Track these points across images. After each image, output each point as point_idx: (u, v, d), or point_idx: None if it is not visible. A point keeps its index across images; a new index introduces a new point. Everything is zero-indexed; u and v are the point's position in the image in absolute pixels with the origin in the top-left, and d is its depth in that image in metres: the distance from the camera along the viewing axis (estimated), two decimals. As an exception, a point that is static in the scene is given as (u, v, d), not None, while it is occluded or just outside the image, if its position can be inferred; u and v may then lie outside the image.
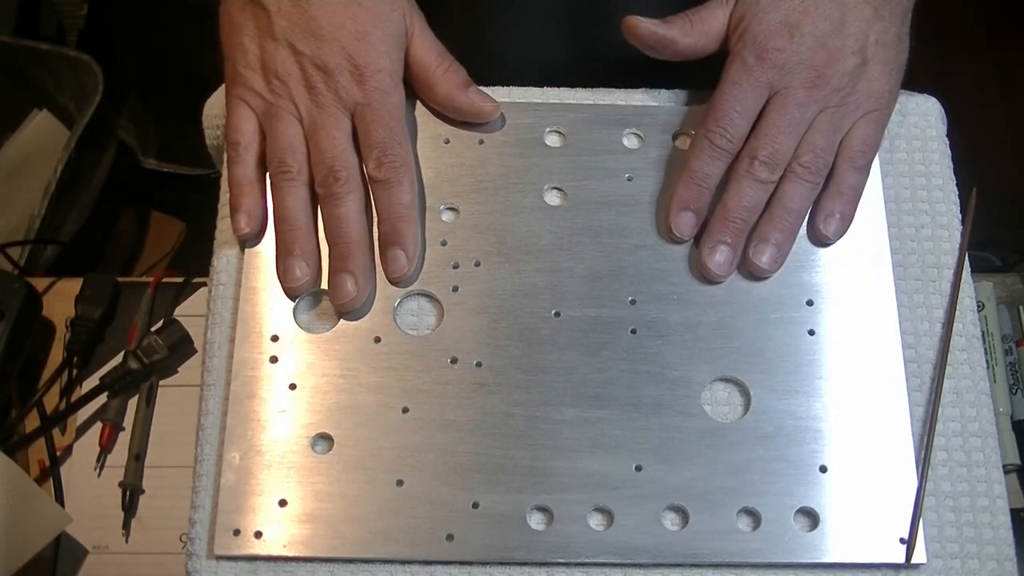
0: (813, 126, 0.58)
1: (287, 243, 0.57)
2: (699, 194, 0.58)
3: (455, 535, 0.52)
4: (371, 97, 0.57)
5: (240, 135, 0.58)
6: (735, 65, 0.58)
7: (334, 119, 0.57)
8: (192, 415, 0.55)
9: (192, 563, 0.52)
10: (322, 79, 0.57)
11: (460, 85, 0.60)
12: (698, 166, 0.58)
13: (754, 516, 0.53)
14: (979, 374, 0.57)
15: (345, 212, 0.56)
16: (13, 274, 0.80)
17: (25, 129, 1.19)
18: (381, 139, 0.57)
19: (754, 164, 0.57)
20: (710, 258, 0.57)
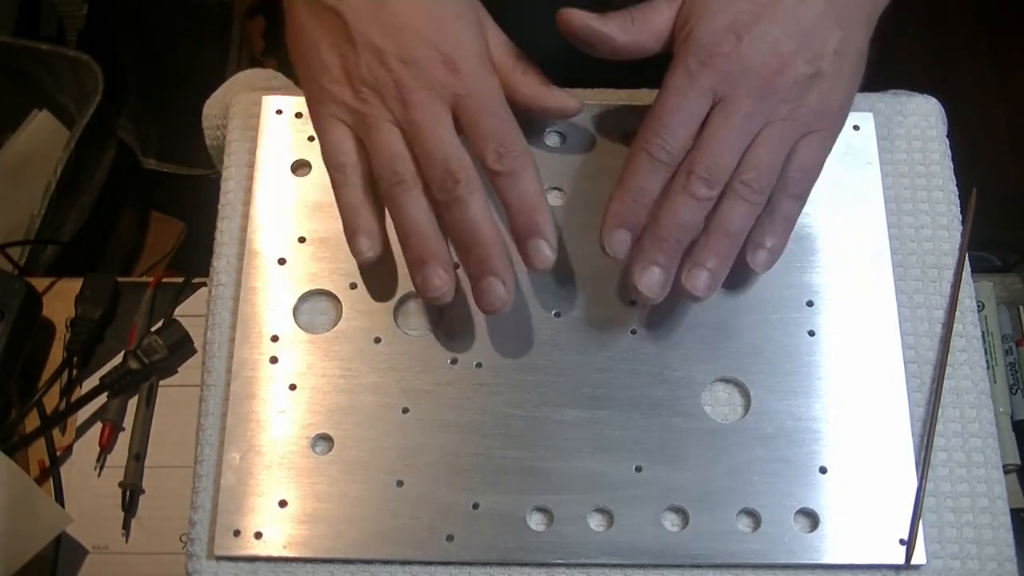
0: (758, 140, 0.53)
1: (420, 254, 0.53)
2: (634, 210, 0.53)
3: (455, 536, 0.52)
4: (469, 85, 0.54)
5: (343, 155, 0.55)
6: (677, 71, 0.53)
7: (435, 116, 0.53)
8: (192, 415, 0.55)
9: (192, 563, 0.52)
10: (412, 75, 0.53)
11: (544, 84, 0.57)
12: (634, 180, 0.53)
13: (754, 517, 0.53)
14: (979, 374, 0.57)
15: (474, 214, 0.53)
16: (13, 274, 0.80)
17: (25, 129, 1.19)
18: (493, 129, 0.53)
19: (691, 179, 0.52)
20: (640, 279, 0.52)
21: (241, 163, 0.60)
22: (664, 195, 0.53)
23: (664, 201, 0.53)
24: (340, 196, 0.55)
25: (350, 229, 0.55)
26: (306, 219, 0.58)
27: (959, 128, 0.64)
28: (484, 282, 0.53)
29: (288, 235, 0.58)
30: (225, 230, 0.59)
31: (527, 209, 0.53)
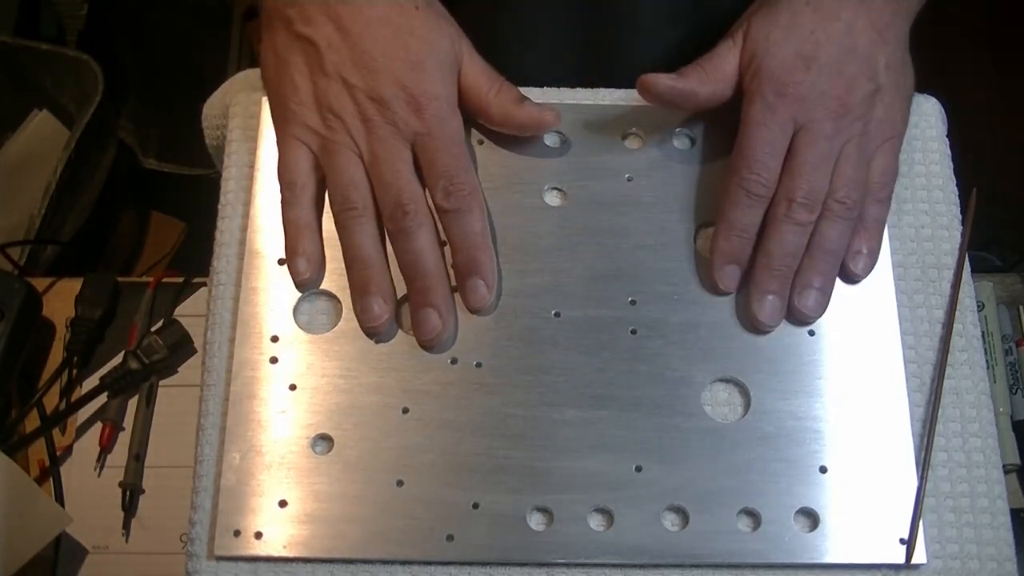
0: (842, 158, 0.56)
1: (362, 282, 0.55)
2: (741, 246, 0.56)
3: (455, 535, 0.52)
4: (430, 125, 0.56)
5: (295, 175, 0.57)
6: (756, 106, 0.56)
7: (395, 151, 0.56)
8: (192, 415, 0.55)
9: (192, 563, 0.52)
10: (378, 111, 0.56)
11: (514, 101, 0.59)
12: (736, 216, 0.56)
13: (754, 516, 0.53)
14: (979, 374, 0.57)
15: (419, 246, 0.55)
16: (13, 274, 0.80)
17: (25, 129, 1.19)
18: (446, 167, 0.56)
19: (792, 207, 0.55)
20: (760, 310, 0.56)
21: (241, 163, 0.60)
22: (769, 225, 0.56)
23: (770, 231, 0.56)
24: (285, 213, 0.57)
25: (290, 249, 0.57)
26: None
27: (959, 128, 0.64)
28: (421, 312, 0.55)
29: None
30: (225, 230, 0.59)
31: (468, 247, 0.56)
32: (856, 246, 0.57)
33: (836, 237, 0.56)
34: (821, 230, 0.56)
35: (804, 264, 0.56)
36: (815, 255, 0.56)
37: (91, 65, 1.13)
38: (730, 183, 0.56)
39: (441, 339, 0.55)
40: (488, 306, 0.56)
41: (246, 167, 0.60)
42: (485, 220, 0.57)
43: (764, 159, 0.56)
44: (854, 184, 0.56)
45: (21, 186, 1.15)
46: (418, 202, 0.56)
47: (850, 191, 0.56)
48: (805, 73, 0.56)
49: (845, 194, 0.56)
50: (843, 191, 0.56)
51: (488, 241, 0.56)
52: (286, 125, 0.58)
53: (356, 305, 0.56)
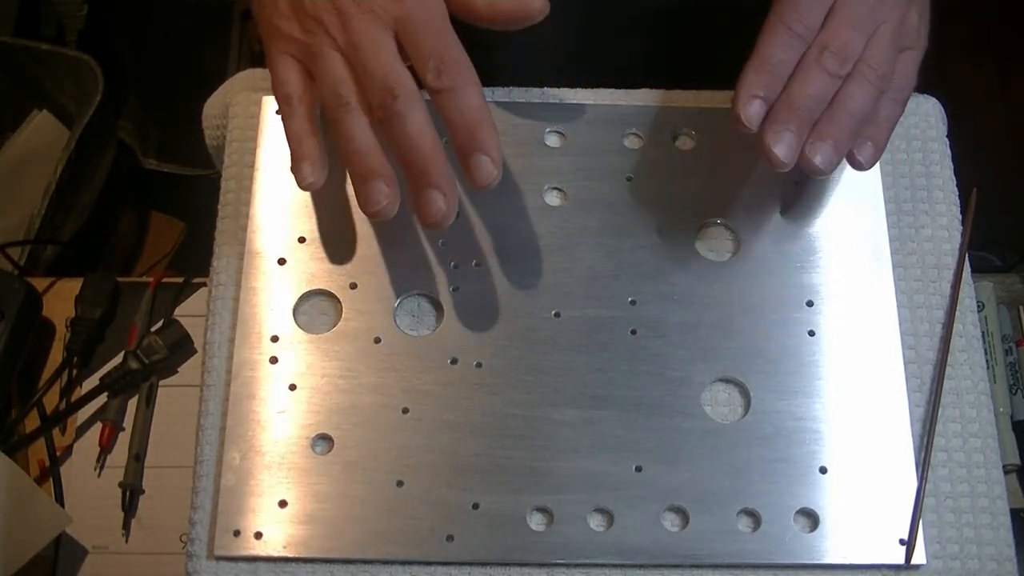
0: (877, 34, 0.56)
1: (362, 170, 0.53)
2: (771, 81, 0.54)
3: (455, 536, 0.52)
4: (410, 7, 0.54)
5: (289, 87, 0.56)
6: None
7: (375, 39, 0.54)
8: (192, 415, 0.55)
9: (192, 564, 0.52)
10: (353, 2, 0.54)
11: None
12: (772, 52, 0.54)
13: (754, 517, 0.53)
14: (979, 374, 0.57)
15: (413, 128, 0.52)
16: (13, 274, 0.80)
17: (25, 129, 1.19)
18: (433, 47, 0.53)
19: (824, 55, 0.54)
20: (775, 144, 0.53)
21: (241, 163, 0.60)
22: (798, 69, 0.55)
23: (797, 74, 0.55)
24: (286, 127, 0.56)
25: (294, 158, 0.55)
26: (306, 219, 0.58)
27: (959, 128, 0.64)
28: (424, 194, 0.52)
29: (288, 235, 0.58)
30: (225, 230, 0.59)
31: (468, 124, 0.53)
32: (865, 134, 0.56)
33: (860, 99, 0.55)
34: (847, 88, 0.55)
35: (823, 117, 0.55)
36: (835, 111, 0.55)
37: (91, 65, 1.13)
38: (771, 21, 0.55)
39: (448, 222, 0.53)
40: (495, 181, 0.53)
41: (246, 167, 0.60)
42: (482, 95, 0.54)
43: (809, 3, 0.55)
44: (886, 58, 0.56)
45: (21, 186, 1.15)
46: (407, 85, 0.53)
47: (882, 61, 0.55)
48: None
49: (877, 62, 0.55)
50: (876, 59, 0.55)
51: (488, 116, 0.53)
52: (271, 42, 0.57)
53: (359, 195, 0.53)
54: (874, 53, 0.55)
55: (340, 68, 0.54)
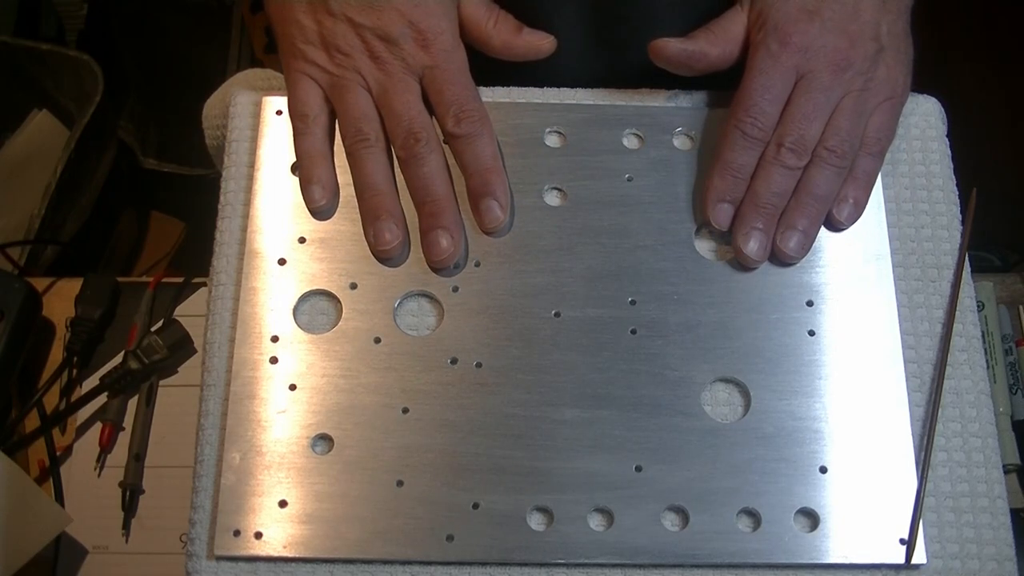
0: (838, 110, 0.58)
1: (374, 208, 0.57)
2: (734, 185, 0.58)
3: (455, 535, 0.52)
4: (438, 59, 0.58)
5: (307, 107, 0.59)
6: (759, 53, 0.58)
7: (404, 84, 0.58)
8: (192, 415, 0.55)
9: (192, 563, 0.52)
10: (386, 48, 0.58)
11: (513, 32, 0.61)
12: (732, 157, 0.58)
13: (754, 517, 0.53)
14: (979, 374, 0.57)
15: (429, 171, 0.57)
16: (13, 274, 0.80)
17: (25, 129, 1.19)
18: (456, 96, 0.58)
19: (781, 151, 0.57)
20: (745, 244, 0.57)
21: (241, 163, 0.60)
22: (758, 167, 0.58)
23: (759, 172, 0.58)
24: (299, 144, 0.59)
25: (305, 178, 0.58)
26: (306, 219, 0.58)
27: (959, 128, 0.64)
28: (432, 235, 0.57)
29: (288, 235, 0.58)
30: (225, 230, 0.59)
31: (481, 170, 0.58)
32: (843, 194, 0.58)
33: (822, 182, 0.57)
34: (809, 175, 0.58)
35: (790, 205, 0.58)
36: (801, 197, 0.58)
37: (91, 65, 1.13)
38: (728, 125, 0.58)
39: (452, 262, 0.57)
40: (503, 226, 0.58)
41: (246, 167, 0.60)
42: (496, 145, 0.58)
43: (762, 104, 0.57)
44: (845, 135, 0.57)
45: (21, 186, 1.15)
46: (428, 130, 0.58)
47: (840, 141, 0.57)
48: (809, 24, 0.58)
49: (835, 143, 0.57)
50: (833, 140, 0.57)
51: (500, 164, 0.58)
52: (294, 61, 0.59)
53: (368, 232, 0.57)
54: (830, 134, 0.58)
55: (367, 104, 0.58)
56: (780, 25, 0.58)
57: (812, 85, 0.57)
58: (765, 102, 0.57)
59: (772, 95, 0.57)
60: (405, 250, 0.57)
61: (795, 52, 0.57)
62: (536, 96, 0.62)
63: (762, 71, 0.58)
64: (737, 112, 0.58)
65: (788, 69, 0.57)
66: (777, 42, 0.58)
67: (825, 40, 0.57)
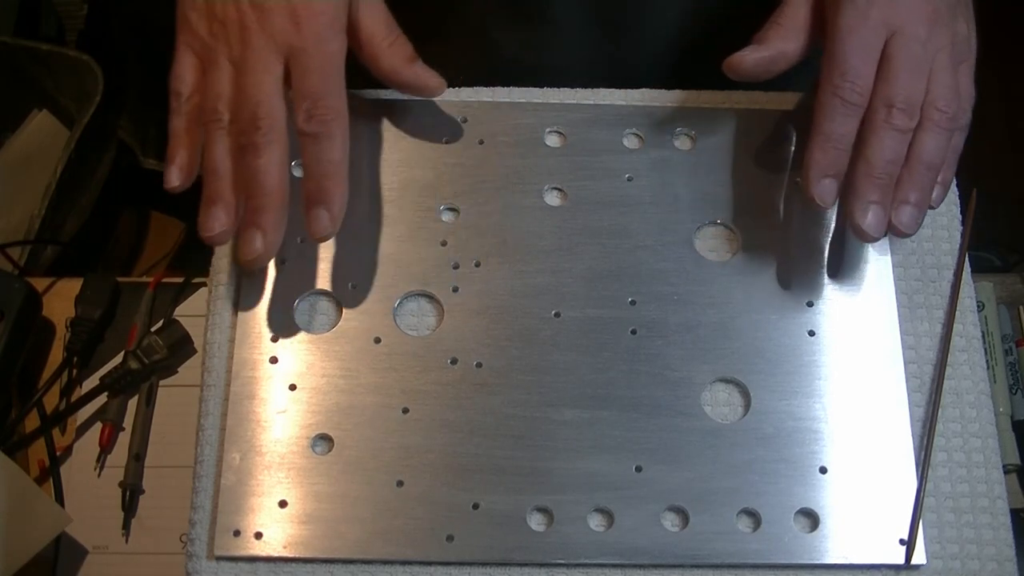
0: (936, 66, 0.54)
1: (209, 192, 0.54)
2: (837, 157, 0.54)
3: (455, 536, 0.52)
4: (307, 41, 0.54)
5: (182, 84, 0.55)
6: (844, 11, 0.54)
7: (264, 62, 0.54)
8: (192, 415, 0.55)
9: (192, 564, 0.52)
10: (256, 18, 0.54)
11: (406, 59, 0.58)
12: (831, 127, 0.54)
13: (754, 517, 0.53)
14: (979, 374, 0.57)
15: (263, 163, 0.53)
16: (13, 274, 0.80)
17: (25, 129, 1.19)
18: (313, 87, 0.53)
19: (892, 113, 0.53)
20: (863, 220, 0.53)
21: (241, 163, 0.60)
22: (867, 132, 0.54)
23: (869, 138, 0.54)
24: (169, 122, 0.56)
25: (168, 156, 0.55)
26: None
27: (959, 128, 0.64)
28: (247, 232, 0.53)
29: (288, 235, 0.58)
30: (225, 230, 0.59)
31: (319, 175, 0.54)
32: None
33: (935, 149, 0.54)
34: (921, 140, 0.54)
35: (903, 176, 0.54)
36: (914, 167, 0.54)
37: (91, 65, 1.13)
38: (823, 92, 0.54)
39: (260, 265, 0.54)
40: (328, 236, 0.54)
41: (246, 167, 0.60)
42: (344, 150, 0.54)
43: (858, 66, 0.53)
44: (953, 93, 0.54)
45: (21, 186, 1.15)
46: (274, 118, 0.53)
47: (950, 100, 0.54)
48: None
49: (945, 103, 0.54)
50: (943, 100, 0.54)
51: (343, 171, 0.54)
52: (180, 32, 0.56)
53: (200, 216, 0.54)
54: (939, 93, 0.54)
55: (225, 83, 0.54)
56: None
57: (909, 39, 0.53)
58: (860, 62, 0.53)
59: (867, 54, 0.53)
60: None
61: (884, 5, 0.53)
62: (536, 96, 0.62)
63: (851, 29, 0.53)
64: (832, 77, 0.53)
65: (878, 24, 0.53)
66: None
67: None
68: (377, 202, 0.59)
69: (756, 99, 0.63)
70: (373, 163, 0.60)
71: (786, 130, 0.61)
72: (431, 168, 0.60)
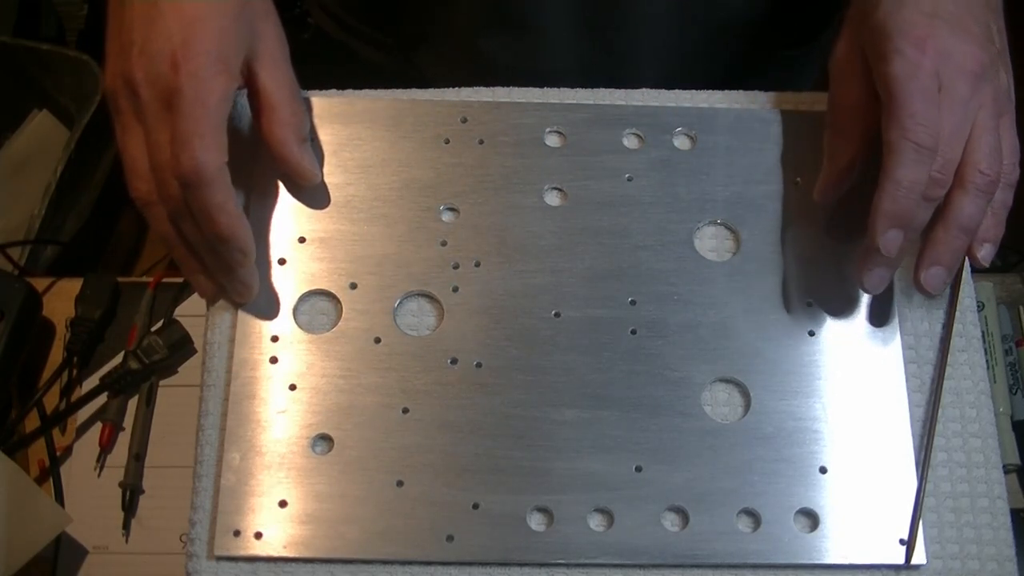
0: (978, 126, 0.52)
1: (178, 263, 0.56)
2: (908, 207, 0.51)
3: (455, 536, 0.52)
4: (182, 82, 0.50)
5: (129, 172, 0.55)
6: (896, 63, 0.51)
7: (156, 116, 0.52)
8: (192, 415, 0.55)
9: (192, 564, 0.52)
10: (144, 69, 0.51)
11: (298, 139, 0.56)
12: (903, 174, 0.50)
13: (754, 517, 0.53)
14: (979, 374, 0.57)
15: (161, 230, 0.54)
16: (13, 274, 0.80)
17: (25, 129, 1.19)
18: (182, 133, 0.50)
19: (928, 183, 0.51)
20: (929, 284, 0.53)
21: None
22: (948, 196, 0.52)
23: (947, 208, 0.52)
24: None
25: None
26: (306, 219, 0.58)
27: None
28: (230, 284, 0.55)
29: (288, 235, 0.58)
30: (225, 230, 0.59)
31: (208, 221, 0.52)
32: (983, 233, 0.54)
33: (975, 213, 0.52)
34: (960, 204, 0.52)
35: (937, 237, 0.52)
36: (951, 231, 0.52)
37: (91, 65, 1.13)
38: (892, 137, 0.51)
39: (216, 300, 0.56)
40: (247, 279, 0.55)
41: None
42: (223, 190, 0.51)
43: (926, 109, 0.50)
44: (997, 155, 0.52)
45: (21, 186, 1.15)
46: (188, 175, 0.50)
47: (993, 163, 0.52)
48: (935, 27, 0.51)
49: (988, 165, 0.51)
50: (985, 162, 0.51)
51: (229, 209, 0.52)
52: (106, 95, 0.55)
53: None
54: (981, 155, 0.52)
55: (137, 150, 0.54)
56: (906, 29, 0.51)
57: (952, 100, 0.51)
58: (929, 106, 0.50)
59: (931, 99, 0.50)
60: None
61: (935, 56, 0.50)
62: (536, 96, 0.62)
63: (910, 76, 0.50)
64: (902, 120, 0.50)
65: (932, 73, 0.50)
66: (913, 47, 0.50)
67: (956, 44, 0.51)
68: (377, 202, 0.59)
69: (756, 99, 0.63)
70: (373, 163, 0.60)
71: (787, 130, 0.61)
72: (431, 168, 0.60)
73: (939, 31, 0.51)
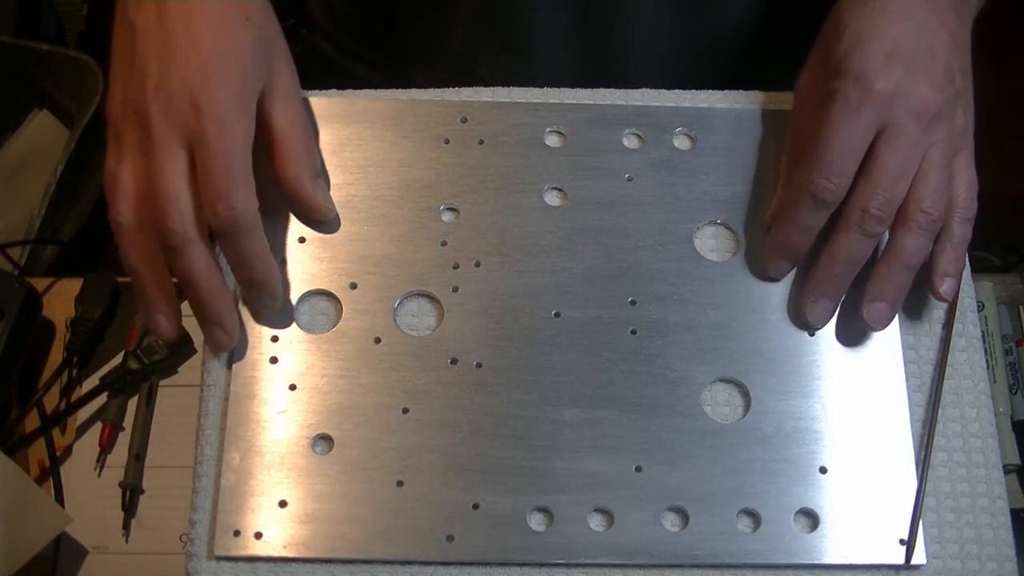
0: (927, 165, 0.53)
1: (140, 298, 0.54)
2: (799, 244, 0.55)
3: (455, 536, 0.52)
4: (207, 127, 0.50)
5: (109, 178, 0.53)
6: (837, 104, 0.52)
7: (167, 154, 0.51)
8: (192, 415, 0.55)
9: (192, 564, 0.52)
10: (159, 104, 0.51)
11: (311, 175, 0.56)
12: (798, 217, 0.54)
13: (754, 517, 0.53)
14: (979, 374, 0.57)
15: (189, 264, 0.51)
16: (13, 274, 0.80)
17: (25, 129, 1.19)
18: (216, 181, 0.50)
19: (866, 218, 0.52)
20: (812, 312, 0.55)
21: (241, 163, 0.60)
22: (838, 228, 0.54)
23: (838, 236, 0.54)
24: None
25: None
26: (306, 219, 0.58)
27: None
28: (206, 329, 0.54)
29: (288, 235, 0.58)
30: (225, 230, 0.59)
31: (243, 267, 0.53)
32: (944, 268, 0.54)
33: (917, 250, 0.53)
34: (902, 241, 0.53)
35: (879, 273, 0.54)
36: (894, 268, 0.53)
37: (91, 65, 1.13)
38: (798, 180, 0.53)
39: (229, 348, 0.55)
40: (275, 311, 0.55)
41: (246, 167, 0.60)
42: (260, 237, 0.52)
43: (839, 164, 0.52)
44: (941, 193, 0.53)
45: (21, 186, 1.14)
46: (184, 214, 0.51)
47: (936, 201, 0.52)
48: (891, 69, 0.52)
49: (931, 204, 0.52)
50: (929, 200, 0.52)
51: (264, 256, 0.53)
52: (108, 115, 0.54)
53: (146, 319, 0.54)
54: (924, 193, 0.52)
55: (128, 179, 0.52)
56: (859, 70, 0.52)
57: (899, 139, 0.52)
58: (843, 162, 0.52)
59: (850, 153, 0.52)
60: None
61: (878, 102, 0.52)
62: (536, 96, 0.62)
63: (841, 123, 0.52)
64: (810, 171, 0.52)
65: (869, 123, 0.52)
66: (858, 91, 0.52)
67: (910, 86, 0.52)
68: (377, 202, 0.59)
69: (756, 99, 0.63)
70: (373, 163, 0.60)
71: (786, 130, 0.61)
72: (431, 168, 0.60)
73: (894, 72, 0.52)
